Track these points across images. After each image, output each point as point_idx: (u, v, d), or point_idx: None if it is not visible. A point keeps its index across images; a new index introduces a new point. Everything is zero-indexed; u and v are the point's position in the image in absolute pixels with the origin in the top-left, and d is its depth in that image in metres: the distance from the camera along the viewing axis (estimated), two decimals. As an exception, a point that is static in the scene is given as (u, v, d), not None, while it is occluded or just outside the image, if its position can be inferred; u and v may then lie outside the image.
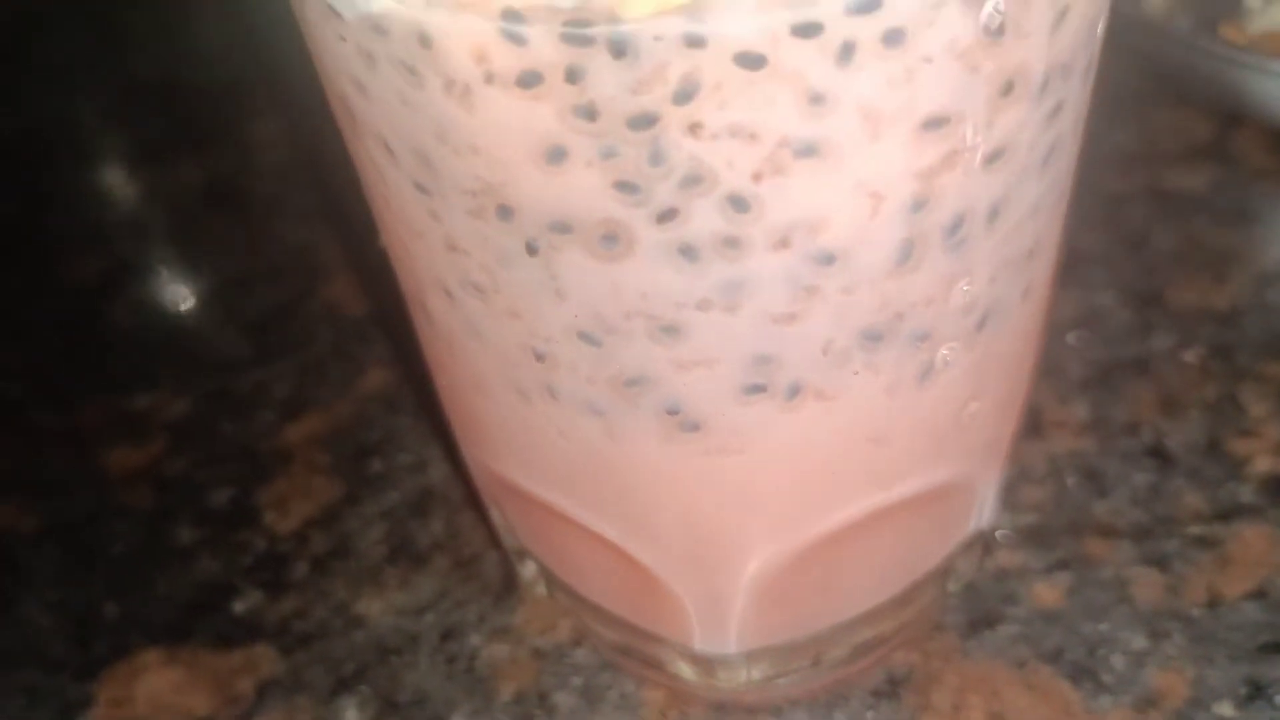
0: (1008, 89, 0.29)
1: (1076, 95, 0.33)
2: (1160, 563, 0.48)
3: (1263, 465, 0.51)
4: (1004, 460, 0.44)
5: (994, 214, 0.32)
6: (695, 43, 0.25)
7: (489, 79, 0.27)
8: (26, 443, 0.58)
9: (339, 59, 0.30)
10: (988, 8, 0.27)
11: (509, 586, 0.49)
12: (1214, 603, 0.46)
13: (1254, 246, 0.62)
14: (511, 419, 0.37)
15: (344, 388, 0.57)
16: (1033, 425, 0.53)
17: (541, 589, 0.48)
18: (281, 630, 0.49)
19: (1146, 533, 0.49)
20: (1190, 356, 0.56)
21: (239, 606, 0.50)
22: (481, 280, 0.32)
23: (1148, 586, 0.47)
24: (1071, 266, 0.61)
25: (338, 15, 0.29)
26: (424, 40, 0.27)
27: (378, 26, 0.28)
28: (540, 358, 0.33)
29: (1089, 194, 0.48)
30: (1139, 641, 0.46)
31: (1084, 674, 0.45)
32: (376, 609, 0.49)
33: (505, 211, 0.30)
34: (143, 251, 0.68)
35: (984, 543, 0.47)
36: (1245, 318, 0.57)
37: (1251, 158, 0.66)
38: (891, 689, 0.45)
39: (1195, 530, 0.49)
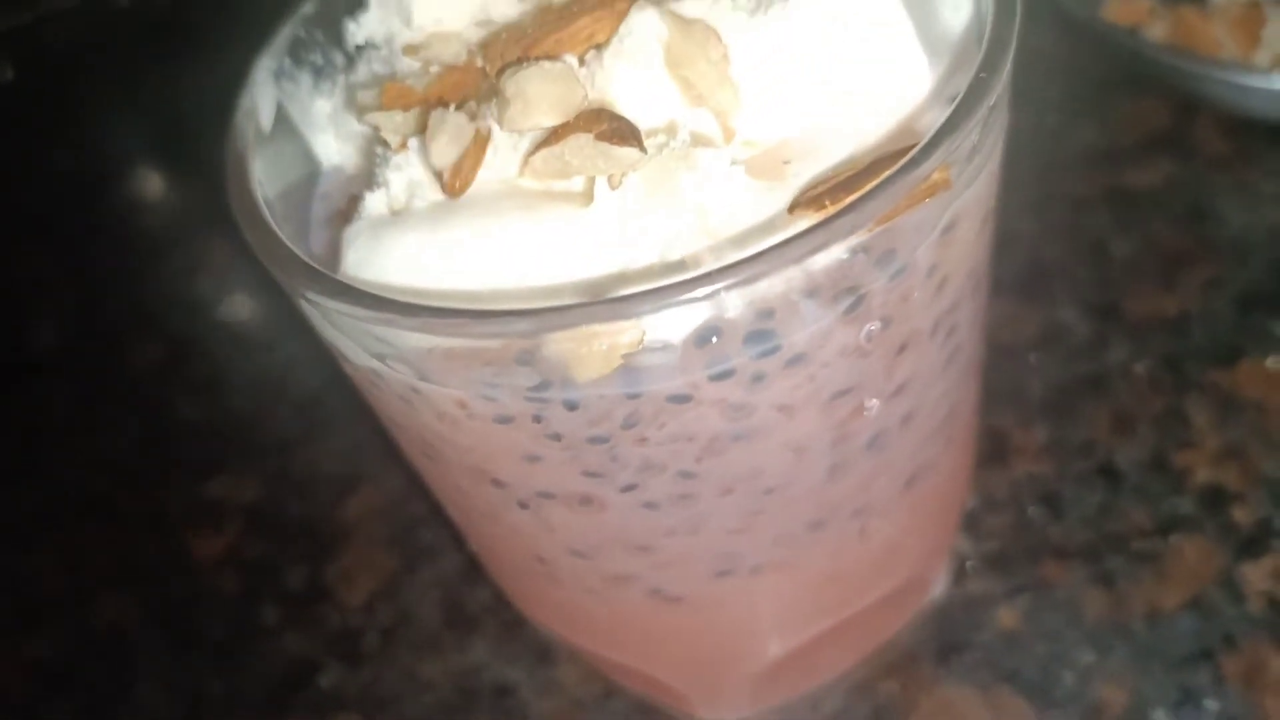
0: (900, 349, 0.35)
1: (969, 308, 0.38)
2: (1106, 580, 0.55)
3: (1202, 477, 0.57)
4: (948, 551, 0.51)
5: (907, 420, 0.38)
6: (633, 395, 0.32)
7: (470, 417, 0.34)
8: (121, 532, 0.66)
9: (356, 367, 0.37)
10: (866, 328, 0.33)
11: (548, 645, 0.57)
12: (1153, 615, 0.54)
13: (1206, 247, 0.66)
14: (531, 583, 0.44)
15: (389, 462, 0.65)
16: (997, 452, 0.60)
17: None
18: (362, 699, 0.58)
19: (1095, 553, 0.56)
20: (1141, 369, 0.62)
21: (324, 680, 0.59)
22: (486, 513, 0.39)
23: (1095, 604, 0.54)
24: (1035, 279, 0.67)
25: (348, 359, 0.35)
26: (414, 390, 0.34)
27: (375, 375, 0.34)
28: (541, 561, 0.41)
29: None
30: (1087, 657, 0.53)
31: (1038, 691, 0.53)
32: (439, 671, 0.58)
33: (498, 484, 0.37)
34: (198, 338, 0.75)
35: (957, 568, 0.55)
36: (1193, 325, 0.63)
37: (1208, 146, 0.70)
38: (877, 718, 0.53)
39: (1138, 545, 0.56)
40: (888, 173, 0.31)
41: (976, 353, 0.42)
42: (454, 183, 0.32)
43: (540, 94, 0.33)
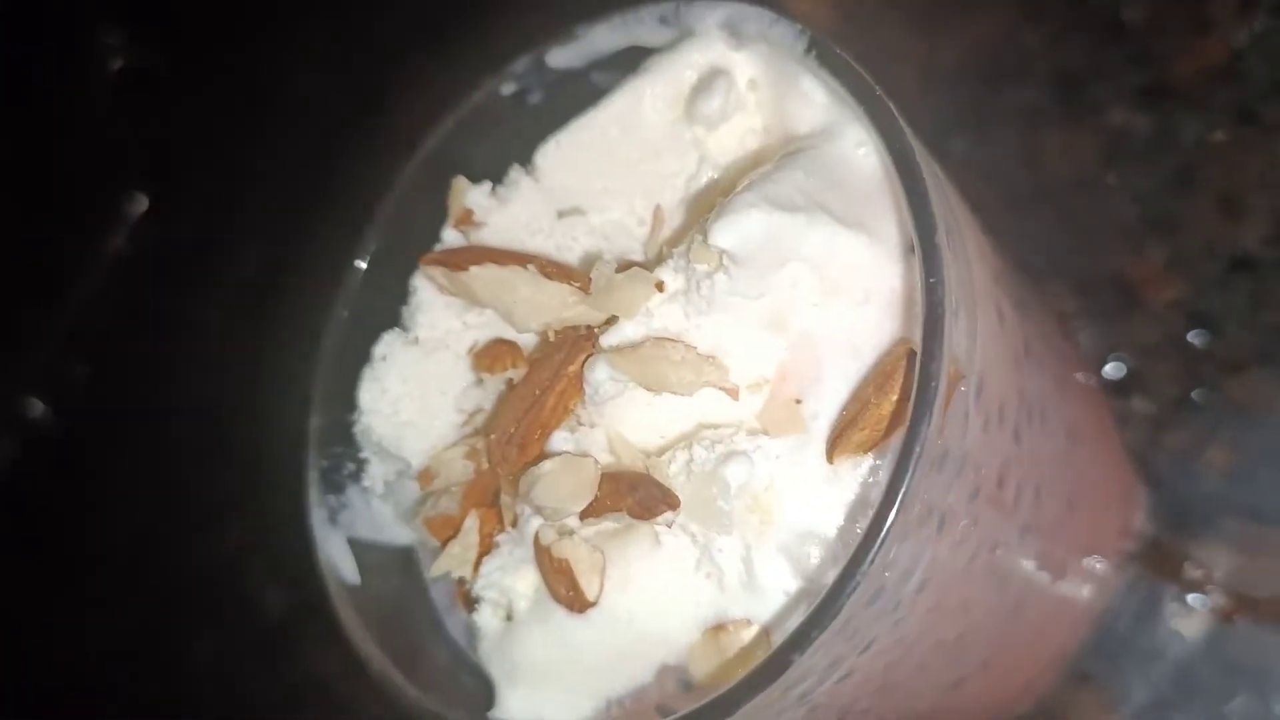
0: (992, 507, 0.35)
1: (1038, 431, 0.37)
2: (1297, 375, 0.53)
3: (1336, 217, 0.54)
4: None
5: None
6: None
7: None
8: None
9: None
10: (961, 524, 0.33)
11: None
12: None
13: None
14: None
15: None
16: (1127, 295, 0.58)
17: None
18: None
19: (1270, 353, 0.54)
20: (1220, 135, 0.58)
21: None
22: None
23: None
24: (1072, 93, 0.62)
25: None
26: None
27: None
28: None
29: None
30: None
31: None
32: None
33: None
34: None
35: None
36: (1248, 61, 0.58)
37: None
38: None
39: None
40: (895, 390, 0.31)
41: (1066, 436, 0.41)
42: (574, 603, 0.34)
43: (558, 493, 0.34)
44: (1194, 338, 0.56)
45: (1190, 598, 0.53)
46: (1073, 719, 0.54)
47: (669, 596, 0.34)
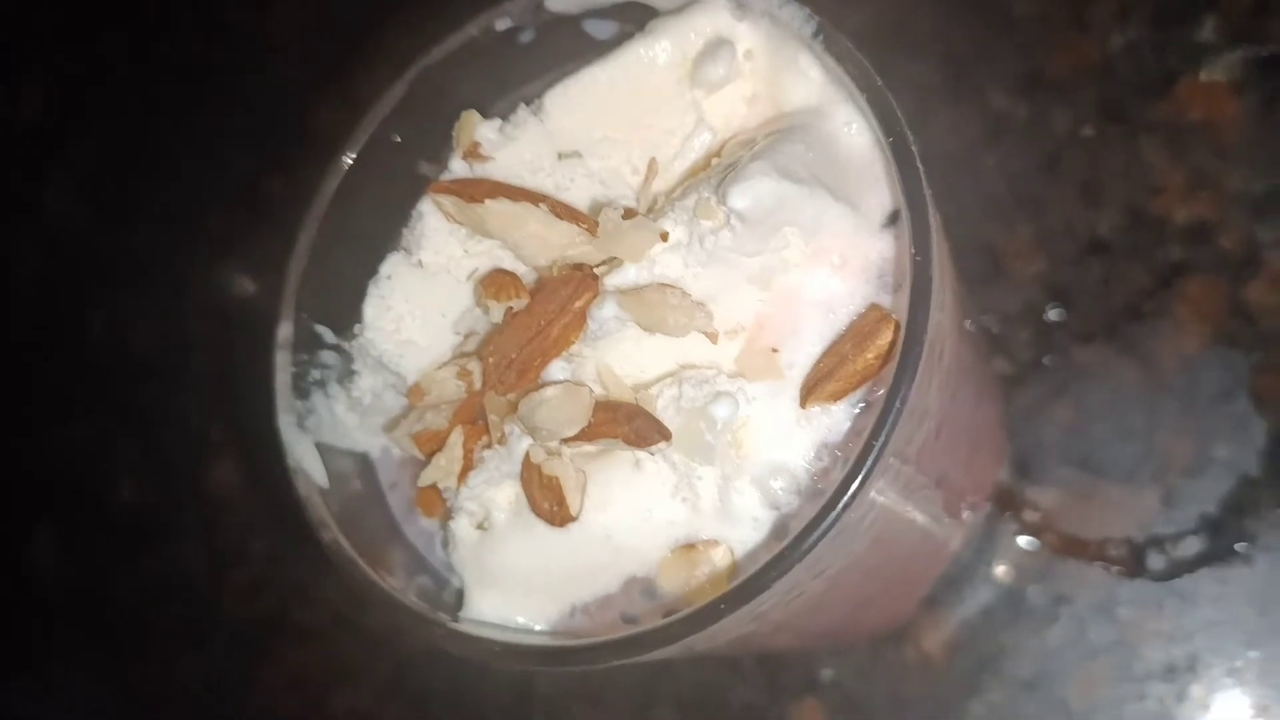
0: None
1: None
2: (1132, 348, 0.61)
3: (1180, 217, 0.62)
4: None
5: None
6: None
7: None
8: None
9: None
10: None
11: None
12: (1186, 363, 0.60)
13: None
14: None
15: None
16: (993, 267, 0.64)
17: None
18: None
19: (1114, 327, 0.62)
20: (1089, 130, 0.64)
21: None
22: None
23: (1131, 373, 0.61)
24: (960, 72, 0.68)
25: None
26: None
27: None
28: None
29: None
30: (1138, 422, 0.60)
31: (1111, 468, 0.60)
32: None
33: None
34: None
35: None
36: (1119, 63, 0.65)
37: None
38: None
39: (1148, 306, 0.61)
40: (872, 349, 0.35)
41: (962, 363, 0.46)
42: (556, 517, 0.37)
43: (557, 418, 0.37)
44: (1050, 310, 0.63)
45: (1026, 538, 0.61)
46: (913, 633, 0.61)
47: (644, 516, 0.38)
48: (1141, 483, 0.60)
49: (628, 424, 0.36)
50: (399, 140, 0.42)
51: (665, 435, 0.36)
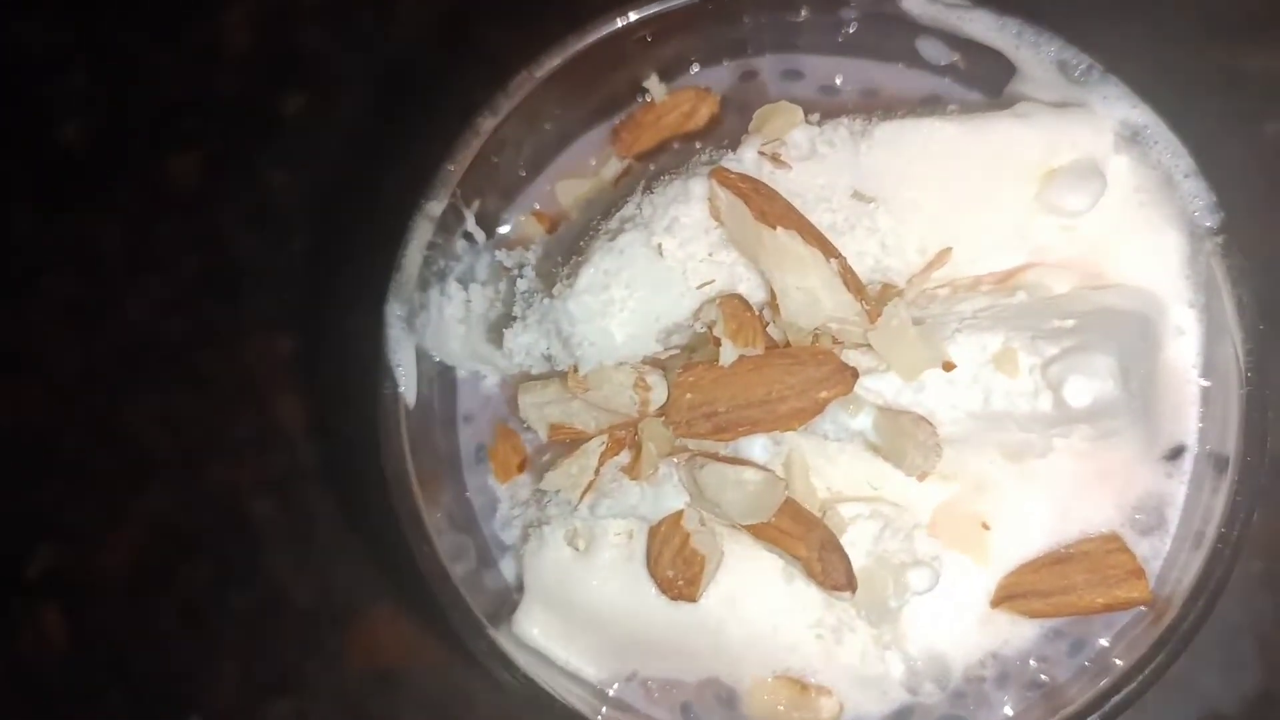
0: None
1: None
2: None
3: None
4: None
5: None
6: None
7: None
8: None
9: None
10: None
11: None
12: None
13: None
14: None
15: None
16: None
17: None
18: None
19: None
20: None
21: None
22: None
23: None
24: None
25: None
26: None
27: None
28: None
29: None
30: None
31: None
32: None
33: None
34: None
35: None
36: None
37: None
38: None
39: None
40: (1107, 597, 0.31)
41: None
42: (676, 591, 0.32)
43: (744, 506, 0.31)
44: None
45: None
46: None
47: (768, 631, 0.33)
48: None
49: (816, 551, 0.31)
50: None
51: (852, 587, 0.31)
